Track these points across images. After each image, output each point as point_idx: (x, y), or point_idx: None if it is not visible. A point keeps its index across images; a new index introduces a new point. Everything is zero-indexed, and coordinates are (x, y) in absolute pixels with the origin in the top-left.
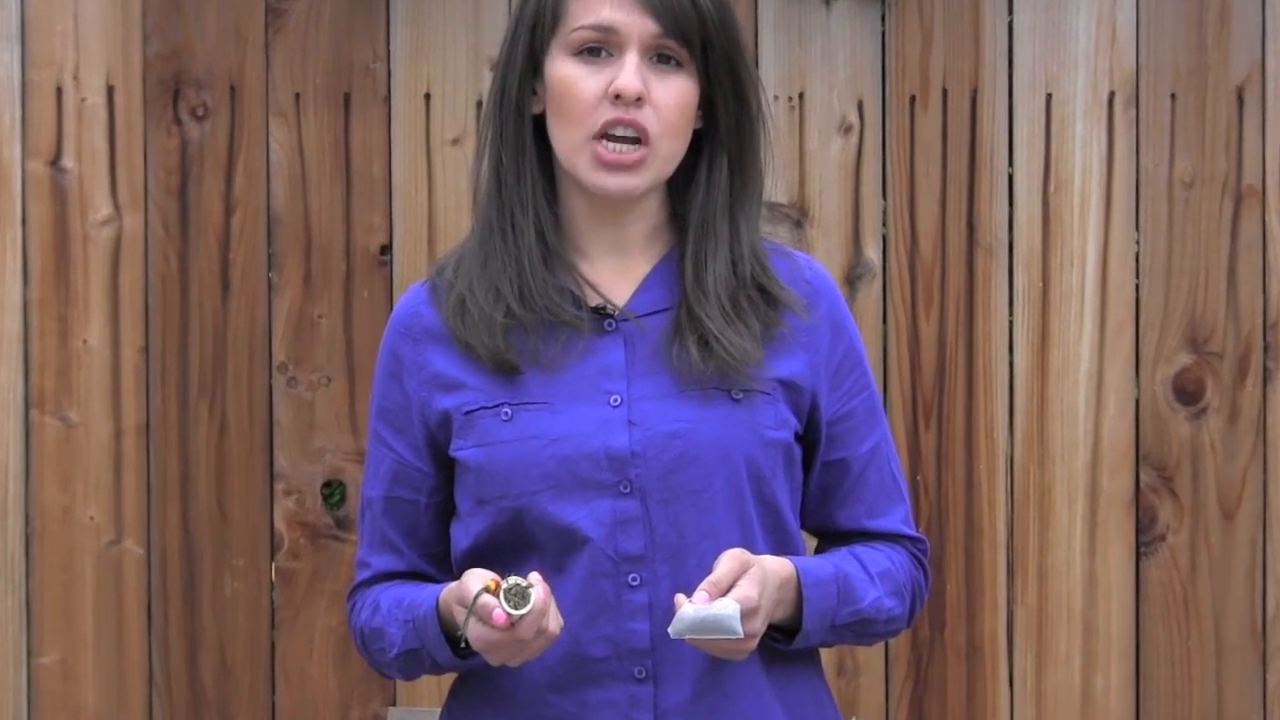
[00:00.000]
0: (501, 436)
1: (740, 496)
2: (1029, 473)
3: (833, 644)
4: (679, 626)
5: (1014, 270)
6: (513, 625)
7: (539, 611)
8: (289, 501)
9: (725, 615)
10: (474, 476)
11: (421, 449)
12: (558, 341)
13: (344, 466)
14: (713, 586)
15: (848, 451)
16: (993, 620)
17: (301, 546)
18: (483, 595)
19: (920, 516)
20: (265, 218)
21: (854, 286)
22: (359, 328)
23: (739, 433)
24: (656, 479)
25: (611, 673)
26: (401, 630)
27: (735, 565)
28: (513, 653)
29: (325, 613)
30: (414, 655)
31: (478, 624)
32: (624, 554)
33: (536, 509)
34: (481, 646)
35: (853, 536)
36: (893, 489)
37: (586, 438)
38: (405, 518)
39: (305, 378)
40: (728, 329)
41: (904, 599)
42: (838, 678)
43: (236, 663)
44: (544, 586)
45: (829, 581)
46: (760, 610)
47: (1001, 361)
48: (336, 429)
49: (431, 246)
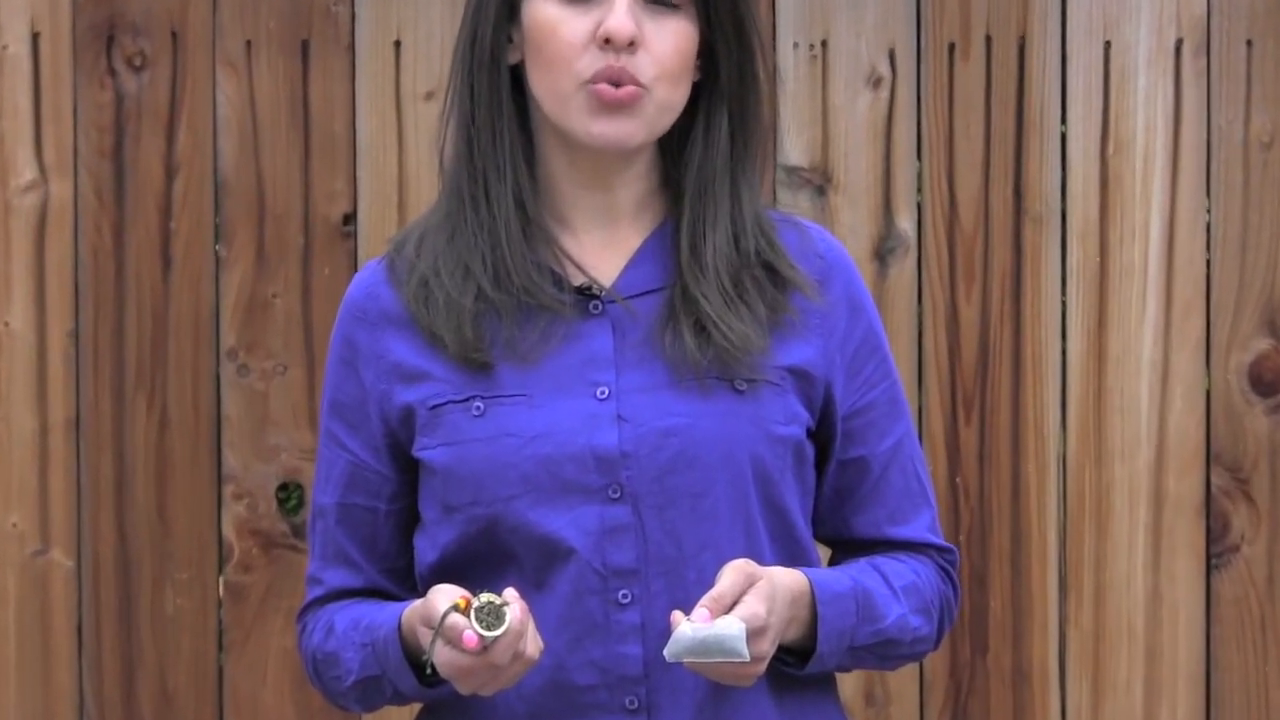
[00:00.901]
0: (472, 434)
1: (745, 501)
2: (1084, 474)
3: (851, 668)
4: (676, 649)
5: (1067, 243)
6: (485, 649)
7: (515, 633)
8: (239, 507)
9: (729, 635)
10: (441, 480)
11: (380, 449)
12: (536, 327)
13: (302, 467)
14: (714, 603)
15: (866, 449)
16: (1042, 643)
17: (254, 558)
18: (451, 615)
19: (960, 524)
20: (212, 183)
21: (884, 262)
22: (319, 309)
23: (743, 429)
24: (650, 482)
25: (599, 703)
26: (359, 655)
27: (740, 578)
28: (485, 680)
29: (281, 633)
30: (373, 683)
31: (445, 647)
32: (613, 567)
33: (513, 517)
34: (450, 673)
35: (872, 546)
36: (917, 492)
37: (570, 435)
38: (362, 527)
39: (258, 365)
40: (728, 312)
41: (931, 616)
42: (865, 708)
43: (179, 690)
44: (521, 604)
45: (847, 597)
46: (769, 630)
47: (1053, 347)
48: (293, 424)
49: (402, 215)
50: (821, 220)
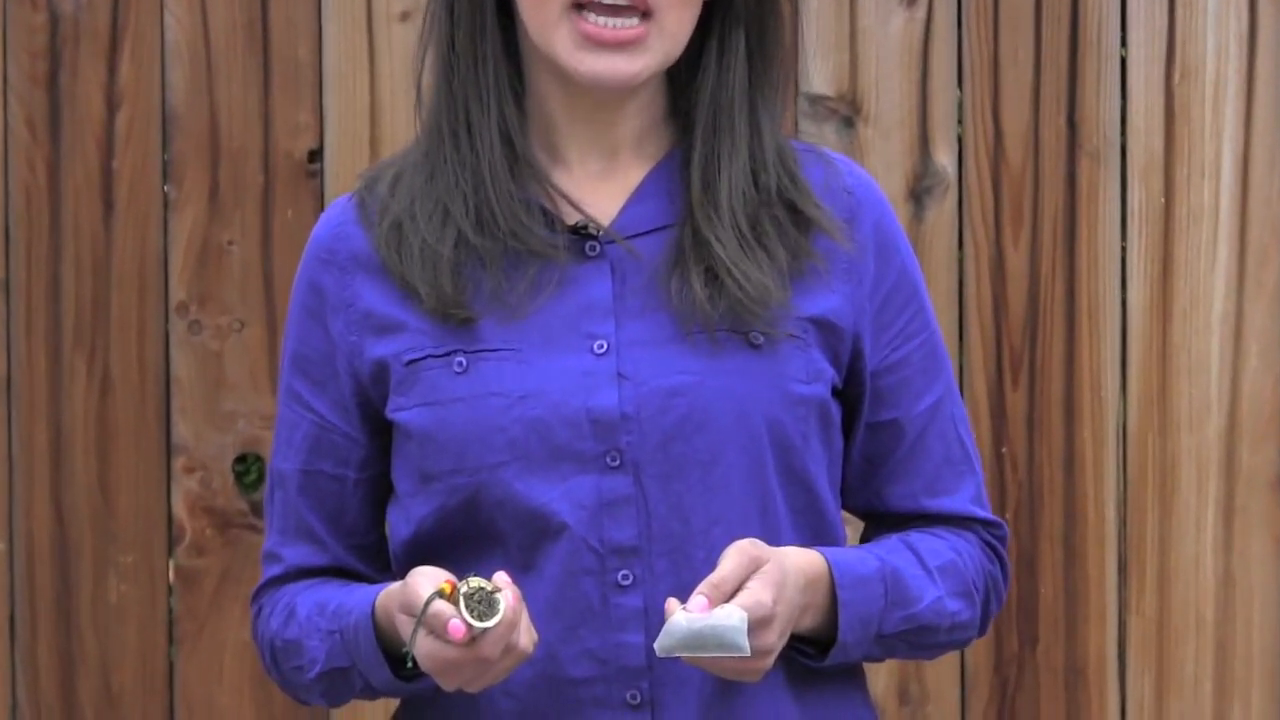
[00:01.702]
0: (453, 393)
1: (761, 470)
2: (1147, 444)
3: (881, 658)
4: (668, 642)
5: (1127, 182)
6: (474, 640)
7: (508, 624)
8: (191, 481)
9: (727, 627)
10: (417, 445)
11: (349, 409)
12: (525, 275)
13: (262, 437)
14: (713, 589)
15: (900, 411)
16: (1100, 634)
17: (208, 539)
18: (436, 602)
19: (1006, 501)
20: (160, 116)
21: (920, 203)
22: (281, 257)
23: (759, 388)
24: (653, 448)
25: (597, 698)
26: (325, 644)
27: (744, 561)
28: (473, 675)
29: (239, 625)
30: (341, 676)
31: (428, 638)
32: (612, 545)
33: (498, 488)
34: (432, 667)
35: (909, 520)
36: (959, 458)
37: (563, 395)
38: (328, 498)
39: (211, 322)
40: (744, 259)
41: (973, 599)
42: (899, 707)
43: (125, 689)
44: (514, 591)
45: (872, 579)
46: (775, 619)
47: (1112, 299)
48: (252, 388)
49: (374, 151)
50: (850, 156)
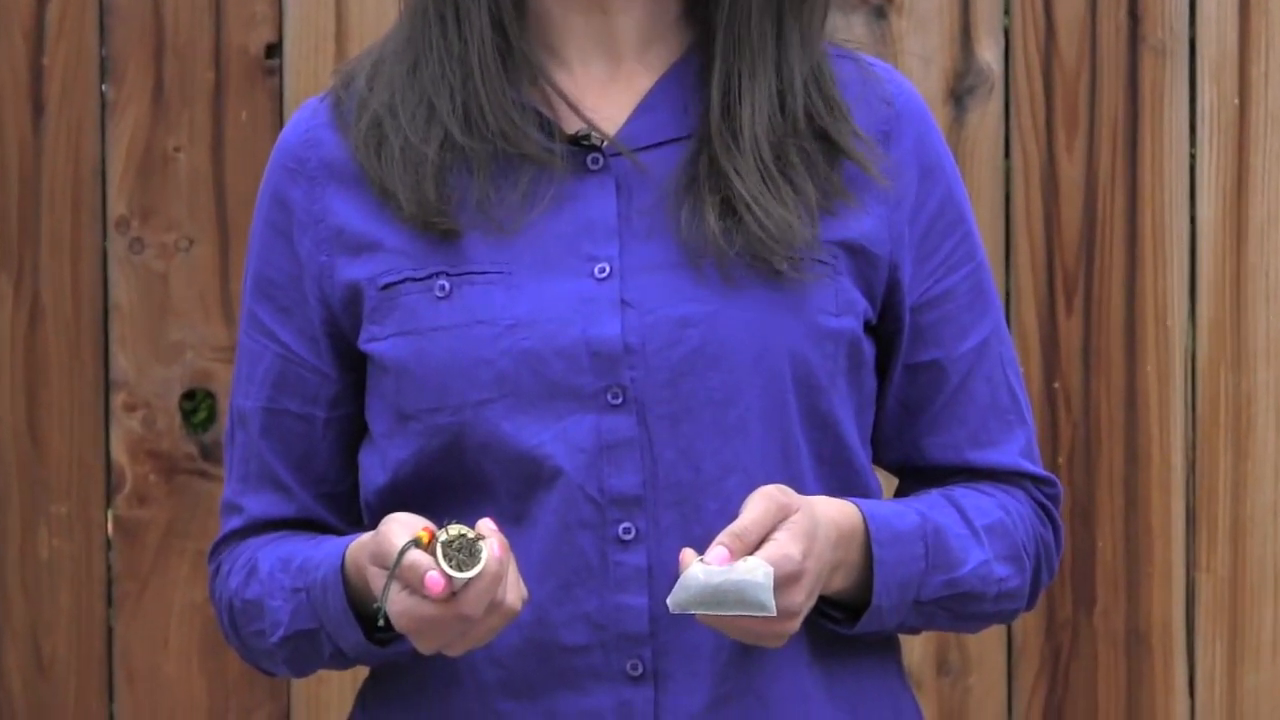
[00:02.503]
0: (434, 321)
1: (783, 413)
2: (1218, 378)
3: (918, 628)
4: (683, 596)
5: (1197, 81)
6: (454, 595)
7: (492, 575)
8: (133, 421)
9: (751, 583)
10: (394, 380)
11: (319, 339)
12: (518, 186)
13: (214, 370)
14: (736, 539)
15: (942, 351)
16: (1165, 595)
17: (152, 488)
18: (411, 552)
19: (1059, 444)
20: (96, 5)
21: (962, 105)
22: (234, 166)
23: (782, 319)
24: (661, 385)
25: (593, 668)
26: (289, 603)
27: (770, 508)
28: (453, 636)
29: (187, 584)
30: (307, 640)
31: (403, 593)
32: (612, 495)
33: (484, 428)
34: (408, 626)
35: (950, 475)
36: (1008, 406)
37: (559, 323)
38: (295, 441)
39: (156, 240)
40: (766, 194)
41: (1023, 565)
42: (937, 678)
43: (57, 657)
44: (500, 539)
45: (912, 536)
46: (805, 576)
47: (1178, 215)
48: (202, 314)
49: (340, 46)
50: (881, 52)
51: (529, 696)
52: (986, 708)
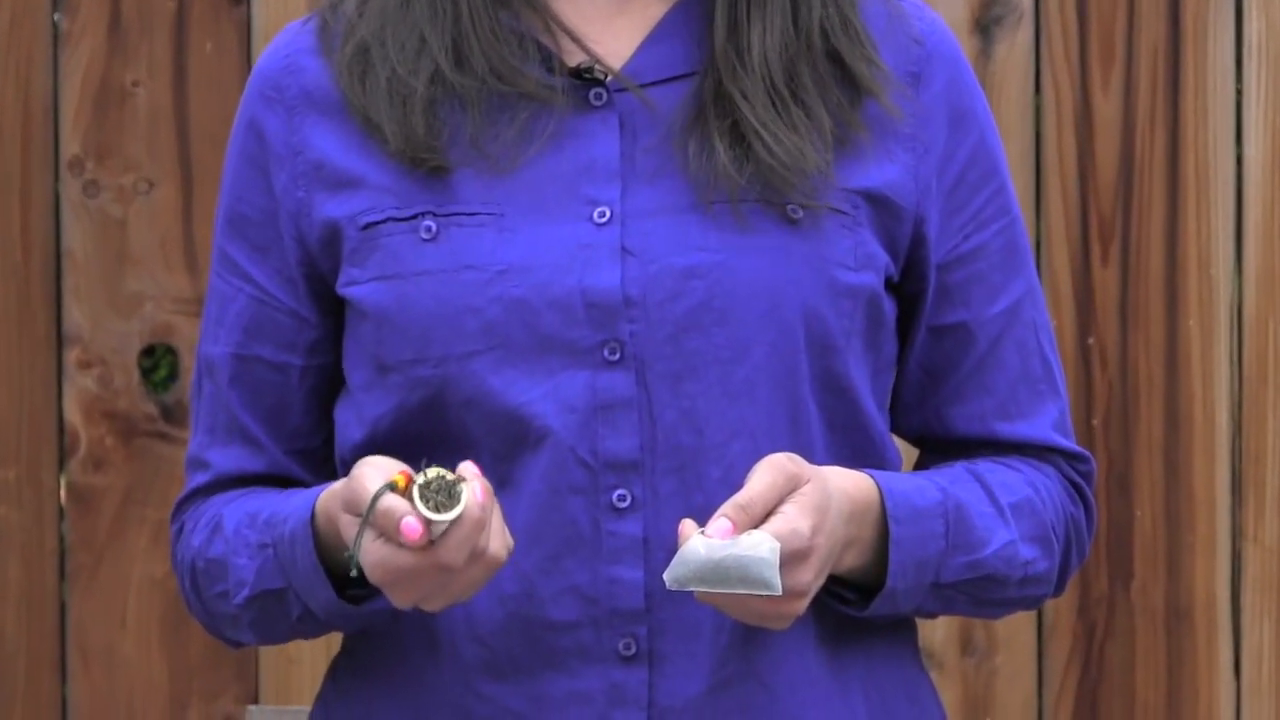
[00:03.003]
0: (418, 265)
1: (794, 374)
2: (1267, 333)
3: (935, 613)
4: (682, 572)
5: (1244, 10)
6: (432, 543)
7: (473, 521)
8: (88, 380)
9: (755, 559)
10: (373, 328)
11: (296, 281)
12: (514, 122)
13: (176, 324)
14: (741, 511)
15: (970, 313)
16: (1209, 568)
17: (109, 451)
18: (386, 496)
19: (1093, 404)
20: None
21: (988, 36)
22: (198, 102)
23: (796, 272)
24: (663, 341)
25: (582, 647)
26: (255, 560)
27: (778, 479)
28: (431, 589)
29: (146, 556)
30: (274, 600)
31: (377, 541)
32: (607, 458)
33: (470, 383)
34: (382, 578)
35: (974, 448)
36: (1040, 375)
37: (554, 271)
38: (267, 391)
39: (113, 182)
40: (775, 118)
41: (1052, 548)
42: (961, 658)
43: (5, 634)
44: (483, 484)
45: (932, 514)
46: (814, 553)
47: (1224, 155)
48: (163, 264)
49: None
50: None
51: (513, 678)
52: (1015, 691)
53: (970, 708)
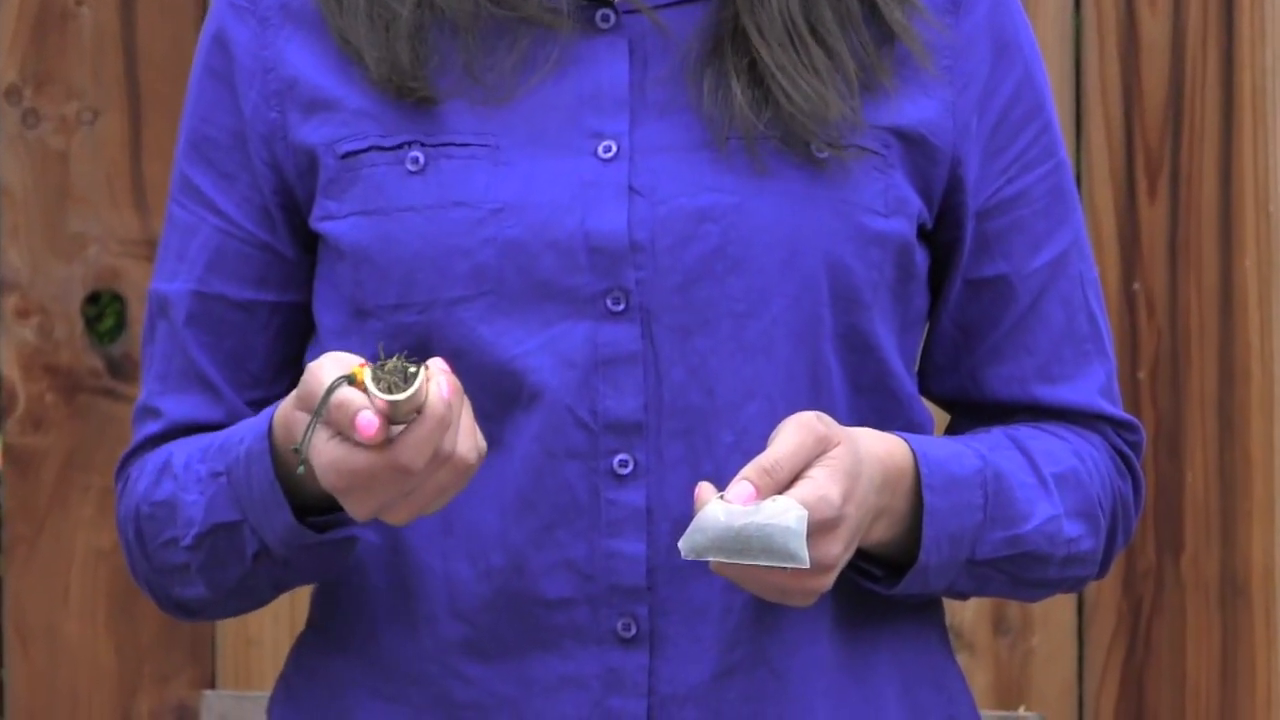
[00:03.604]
0: (403, 199)
1: (814, 329)
2: None
3: (967, 592)
4: (699, 540)
5: None
6: (389, 442)
7: (435, 416)
8: (26, 330)
9: (780, 528)
10: (351, 269)
11: (268, 212)
12: (514, 49)
13: (123, 268)
14: (764, 475)
15: (1011, 265)
16: (1267, 536)
17: (49, 409)
18: (342, 389)
19: (1139, 355)
20: None
21: None
22: (147, 23)
23: (820, 218)
24: (672, 291)
25: (576, 627)
26: (206, 493)
27: (806, 441)
28: (392, 495)
29: (91, 526)
30: (226, 537)
31: (333, 441)
32: (607, 419)
33: (457, 332)
34: (335, 481)
35: (1013, 413)
36: (1086, 334)
37: (553, 210)
38: (228, 333)
39: (54, 112)
40: (794, 60)
41: (1097, 525)
42: (994, 638)
43: None
44: (451, 380)
45: (969, 483)
46: (844, 523)
47: None
48: (109, 202)
49: None
50: None
51: (500, 659)
52: (1053, 674)
53: (1003, 693)
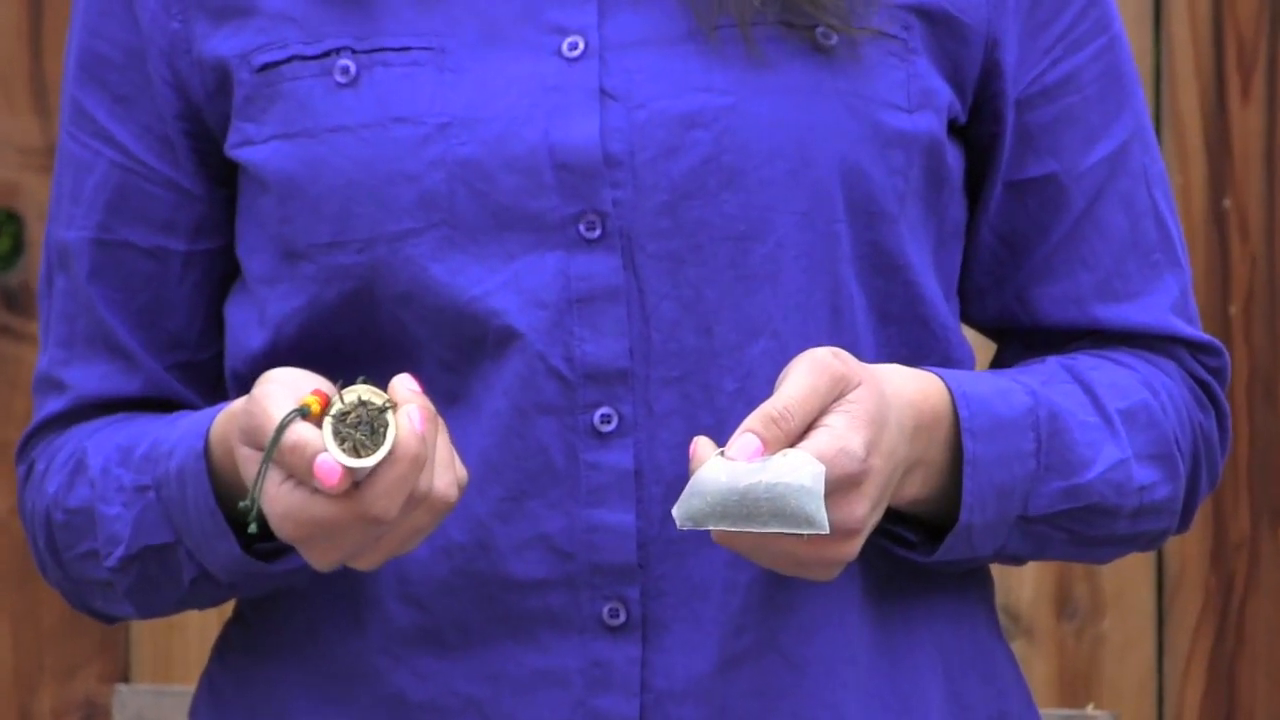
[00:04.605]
0: (334, 118)
1: (831, 251)
2: None
3: (1022, 556)
4: (696, 505)
5: None
6: (357, 485)
7: (409, 459)
8: None
9: (794, 487)
10: (277, 202)
11: (173, 141)
12: None
13: (22, 182)
14: (771, 424)
15: (1061, 163)
16: None
17: None
18: (296, 425)
19: (1230, 282)
20: None
21: None
22: None
23: (831, 116)
24: (657, 212)
25: (554, 614)
26: (132, 508)
27: (820, 383)
28: (359, 544)
29: None
30: (158, 560)
31: (286, 485)
32: (586, 367)
33: (406, 272)
34: (293, 533)
35: (1071, 339)
36: (1155, 242)
37: (512, 123)
38: (140, 287)
39: None
40: None
41: (1175, 468)
42: (1057, 623)
43: None
44: (423, 404)
45: (1020, 425)
46: (869, 478)
47: None
48: (4, 104)
49: None
50: None
51: (463, 652)
52: (1128, 663)
53: (1068, 688)
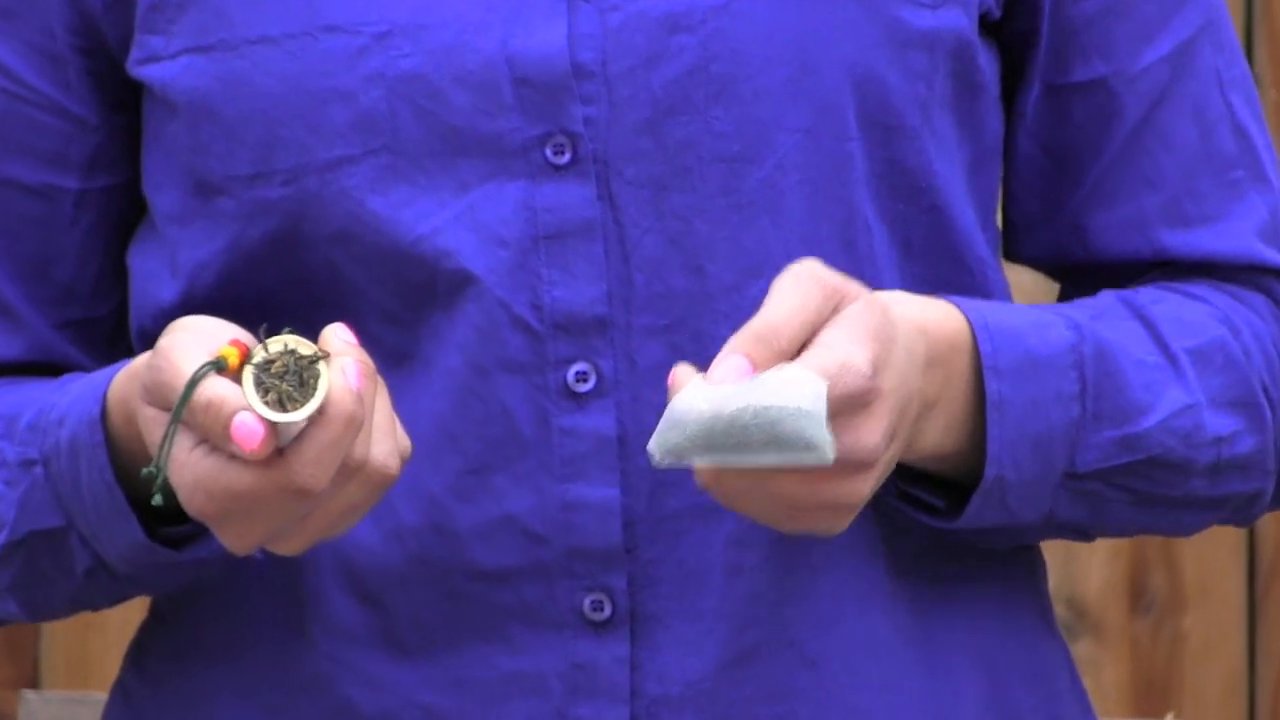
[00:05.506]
0: (255, 27)
1: (841, 171)
2: None
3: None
4: (673, 438)
5: None
6: (281, 450)
7: (342, 417)
8: None
9: (789, 410)
10: (189, 128)
11: (64, 60)
12: None
13: None
14: (759, 343)
15: (1111, 65)
16: None
17: None
18: (210, 380)
19: None
20: None
21: None
22: None
23: (837, 14)
24: (636, 131)
25: (527, 608)
26: (16, 486)
27: (811, 297)
28: (283, 521)
29: None
30: (47, 547)
31: (197, 450)
32: (557, 315)
33: (341, 206)
34: (204, 506)
35: (1136, 272)
36: (1233, 156)
37: (463, 30)
38: (25, 232)
39: None
40: None
41: (1260, 417)
42: (1130, 618)
43: None
44: (360, 358)
45: (1059, 363)
46: (881, 400)
47: None
48: None
49: None
50: None
51: (421, 655)
52: (1213, 662)
53: (1143, 693)
